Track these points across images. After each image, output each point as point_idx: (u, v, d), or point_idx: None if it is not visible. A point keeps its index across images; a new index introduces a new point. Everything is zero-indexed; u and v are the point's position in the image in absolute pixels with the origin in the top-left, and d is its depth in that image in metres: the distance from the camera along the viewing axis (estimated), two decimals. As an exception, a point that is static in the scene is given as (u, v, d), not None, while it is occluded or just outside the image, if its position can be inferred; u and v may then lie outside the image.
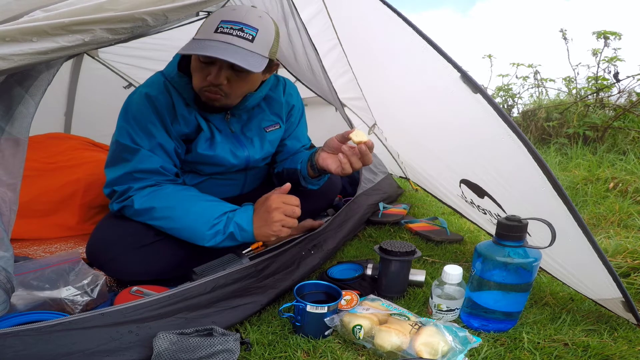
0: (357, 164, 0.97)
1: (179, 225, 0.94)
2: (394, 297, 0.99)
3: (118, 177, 0.97)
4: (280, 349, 0.78)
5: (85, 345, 0.65)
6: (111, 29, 0.60)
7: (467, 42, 12.08)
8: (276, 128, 1.19)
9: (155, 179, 0.99)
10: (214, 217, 0.92)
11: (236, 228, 0.92)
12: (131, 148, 0.97)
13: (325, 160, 1.03)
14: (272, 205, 0.91)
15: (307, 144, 1.35)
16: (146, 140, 0.98)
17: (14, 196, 0.64)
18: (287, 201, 0.92)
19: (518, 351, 0.79)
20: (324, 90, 1.67)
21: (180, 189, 0.99)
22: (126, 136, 0.98)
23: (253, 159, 1.16)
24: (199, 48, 0.87)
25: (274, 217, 0.90)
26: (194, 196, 0.98)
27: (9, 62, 0.53)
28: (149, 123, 0.98)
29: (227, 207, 0.96)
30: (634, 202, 1.79)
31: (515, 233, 0.81)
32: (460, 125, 1.09)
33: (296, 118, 1.27)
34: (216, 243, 0.93)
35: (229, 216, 0.93)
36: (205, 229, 0.92)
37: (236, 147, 1.12)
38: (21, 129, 0.63)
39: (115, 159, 0.99)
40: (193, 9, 0.68)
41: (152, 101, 0.99)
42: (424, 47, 0.86)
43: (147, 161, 0.97)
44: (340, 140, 1.00)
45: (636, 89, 2.87)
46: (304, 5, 1.44)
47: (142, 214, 0.96)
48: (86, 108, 2.27)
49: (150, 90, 1.00)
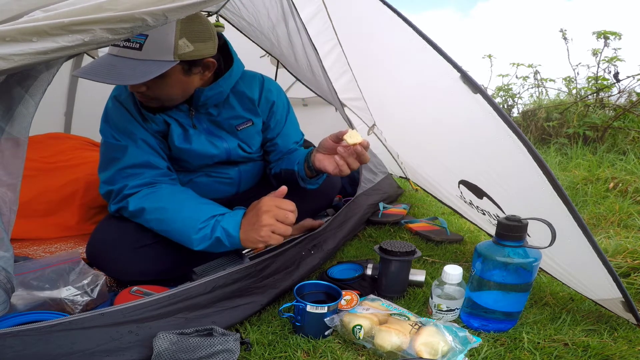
0: (354, 164, 0.96)
1: (169, 228, 0.92)
2: (394, 297, 0.99)
3: (111, 175, 0.99)
4: (280, 349, 0.78)
5: (85, 345, 0.65)
6: (111, 29, 0.59)
7: (467, 42, 12.10)
8: (248, 125, 1.16)
9: (149, 174, 0.99)
10: (200, 221, 0.88)
11: (223, 233, 0.87)
12: (119, 146, 1.00)
13: (321, 162, 1.02)
14: (262, 207, 0.86)
15: (300, 140, 1.32)
16: (129, 139, 1.01)
17: (14, 196, 0.64)
18: (280, 205, 0.86)
19: (518, 351, 0.79)
20: (324, 90, 1.67)
21: (175, 191, 0.98)
22: (110, 137, 1.01)
23: (234, 151, 1.16)
24: (87, 70, 0.88)
25: (263, 220, 0.84)
26: (186, 199, 0.96)
27: (9, 62, 0.53)
28: (127, 123, 1.02)
29: (216, 210, 0.91)
30: (634, 202, 1.79)
31: (515, 233, 0.81)
32: (459, 125, 1.09)
33: (281, 115, 1.23)
34: (205, 248, 0.88)
35: (217, 219, 0.88)
36: (192, 233, 0.88)
37: (213, 138, 1.13)
38: (21, 129, 0.63)
39: (106, 160, 1.01)
40: (193, 9, 0.68)
41: (122, 104, 1.03)
42: (424, 47, 0.86)
43: (136, 156, 0.99)
44: (334, 141, 0.98)
45: (636, 89, 2.87)
46: (303, 5, 1.44)
47: (137, 215, 0.96)
48: (86, 108, 2.27)
49: (118, 94, 1.04)
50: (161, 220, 0.93)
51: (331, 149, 0.99)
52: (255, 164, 1.27)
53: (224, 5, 1.41)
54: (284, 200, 0.88)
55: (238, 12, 1.44)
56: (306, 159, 1.08)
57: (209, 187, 1.19)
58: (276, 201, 0.87)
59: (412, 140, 1.56)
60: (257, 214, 0.86)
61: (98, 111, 1.08)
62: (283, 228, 0.85)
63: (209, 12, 1.52)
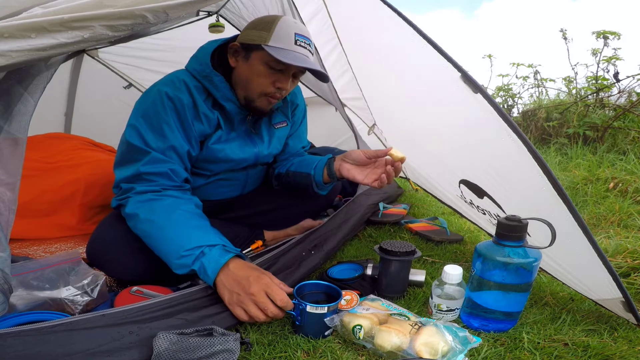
0: (391, 179, 1.01)
1: (154, 244, 0.90)
2: (394, 297, 0.99)
3: (126, 177, 0.96)
4: (280, 349, 0.77)
5: (85, 345, 0.65)
6: (111, 25, 0.59)
7: (471, 41, 12.11)
8: (283, 125, 1.22)
9: (162, 182, 0.96)
10: (185, 248, 0.84)
11: (201, 269, 0.83)
12: (142, 150, 0.95)
13: (350, 172, 1.06)
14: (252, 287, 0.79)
15: (307, 146, 1.36)
16: (158, 142, 0.96)
17: (13, 196, 0.64)
18: (271, 292, 0.79)
19: (518, 351, 0.79)
20: (324, 90, 1.67)
21: (174, 207, 0.92)
22: (137, 136, 0.96)
23: (262, 155, 1.17)
24: (296, 59, 0.94)
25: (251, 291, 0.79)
26: (180, 219, 0.90)
27: (6, 58, 0.53)
28: (164, 123, 0.97)
29: (204, 240, 0.86)
30: (634, 202, 1.79)
31: (515, 233, 0.81)
32: (459, 125, 1.09)
33: (299, 118, 1.28)
34: (183, 273, 0.86)
35: (202, 251, 0.84)
36: (174, 257, 0.86)
37: (246, 143, 1.13)
38: (20, 127, 0.63)
39: (126, 159, 0.98)
40: (194, 7, 0.68)
41: (171, 100, 0.97)
42: (424, 46, 0.86)
43: (157, 164, 0.95)
44: (368, 157, 1.03)
45: (636, 89, 2.88)
46: (303, 4, 1.44)
47: (130, 219, 0.94)
48: (86, 108, 2.27)
49: (170, 89, 0.98)
50: (149, 234, 0.90)
51: (363, 162, 1.05)
52: (262, 167, 1.28)
53: (224, 5, 1.41)
54: (278, 290, 0.81)
55: (238, 12, 1.44)
56: (327, 166, 1.11)
57: (215, 189, 1.19)
58: (271, 288, 0.81)
59: (413, 139, 1.56)
60: (248, 286, 0.80)
61: (98, 111, 1.07)
62: (254, 312, 0.79)
63: (209, 12, 1.51)
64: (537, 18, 15.35)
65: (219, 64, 1.03)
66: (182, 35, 1.65)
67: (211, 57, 1.02)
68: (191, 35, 1.55)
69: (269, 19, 0.98)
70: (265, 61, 0.97)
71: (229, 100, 1.03)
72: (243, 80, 1.02)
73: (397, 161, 0.99)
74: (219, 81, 1.01)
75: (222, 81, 1.01)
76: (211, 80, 1.01)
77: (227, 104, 1.03)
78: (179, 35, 1.66)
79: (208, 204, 1.17)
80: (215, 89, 1.01)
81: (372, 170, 1.04)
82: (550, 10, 13.93)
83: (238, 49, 1.01)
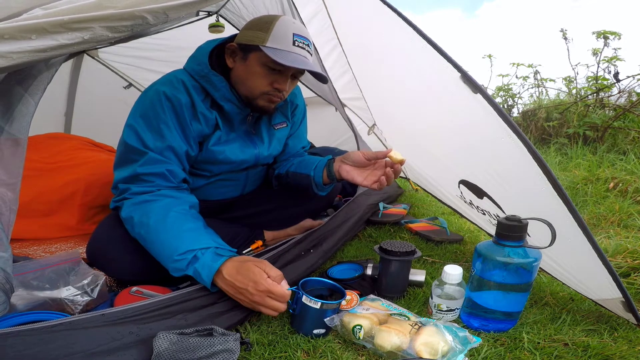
0: (391, 181, 1.02)
1: (149, 246, 0.90)
2: (394, 297, 0.99)
3: (124, 178, 0.96)
4: (280, 349, 0.77)
5: (86, 345, 0.65)
6: (111, 26, 0.59)
7: (471, 42, 12.11)
8: (283, 126, 1.21)
9: (159, 183, 0.95)
10: (177, 252, 0.84)
11: (195, 273, 0.82)
12: (139, 150, 0.94)
13: (349, 173, 1.06)
14: (257, 290, 0.79)
15: (307, 146, 1.35)
16: (156, 142, 0.96)
17: (14, 196, 0.64)
18: (271, 289, 0.79)
19: (518, 351, 0.79)
20: (324, 90, 1.67)
21: (167, 208, 0.91)
22: (134, 137, 0.95)
23: (262, 156, 1.17)
24: (294, 60, 0.94)
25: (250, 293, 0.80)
26: (174, 222, 0.89)
27: (7, 59, 0.53)
28: (162, 123, 0.96)
29: (197, 244, 0.85)
30: (634, 202, 1.79)
31: (515, 233, 0.81)
32: (459, 125, 1.09)
33: (298, 118, 1.28)
34: (181, 276, 0.85)
35: (195, 256, 0.83)
36: (169, 262, 0.86)
37: (247, 145, 1.12)
38: (21, 128, 0.63)
39: (123, 159, 0.97)
40: (193, 7, 0.68)
41: (170, 100, 0.96)
42: (424, 46, 0.86)
43: (154, 165, 0.95)
44: (368, 159, 1.03)
45: (636, 89, 2.88)
46: (303, 4, 1.44)
47: (126, 222, 0.94)
48: (86, 108, 2.27)
49: (168, 89, 0.97)
50: (144, 237, 0.90)
51: (362, 163, 1.05)
52: (263, 167, 1.28)
53: (224, 5, 1.41)
54: (280, 290, 0.81)
55: (238, 12, 1.44)
56: (327, 168, 1.11)
57: (215, 189, 1.18)
58: (272, 291, 0.80)
59: (412, 139, 1.56)
60: (250, 295, 0.80)
61: (98, 111, 1.07)
62: (266, 313, 0.81)
63: (209, 12, 1.51)
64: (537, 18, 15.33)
65: (217, 64, 1.03)
66: (182, 35, 1.65)
67: (209, 57, 1.02)
68: (191, 36, 1.54)
69: (267, 19, 0.97)
70: (263, 62, 0.97)
71: (228, 100, 1.02)
72: (241, 81, 1.02)
73: (397, 163, 0.99)
74: (218, 81, 1.00)
75: (221, 81, 1.00)
76: (209, 80, 1.00)
77: (226, 104, 1.03)
78: (179, 36, 1.66)
79: (208, 204, 1.17)
80: (214, 89, 1.01)
81: (372, 172, 1.03)
82: (551, 10, 13.94)
83: (235, 50, 1.01)
